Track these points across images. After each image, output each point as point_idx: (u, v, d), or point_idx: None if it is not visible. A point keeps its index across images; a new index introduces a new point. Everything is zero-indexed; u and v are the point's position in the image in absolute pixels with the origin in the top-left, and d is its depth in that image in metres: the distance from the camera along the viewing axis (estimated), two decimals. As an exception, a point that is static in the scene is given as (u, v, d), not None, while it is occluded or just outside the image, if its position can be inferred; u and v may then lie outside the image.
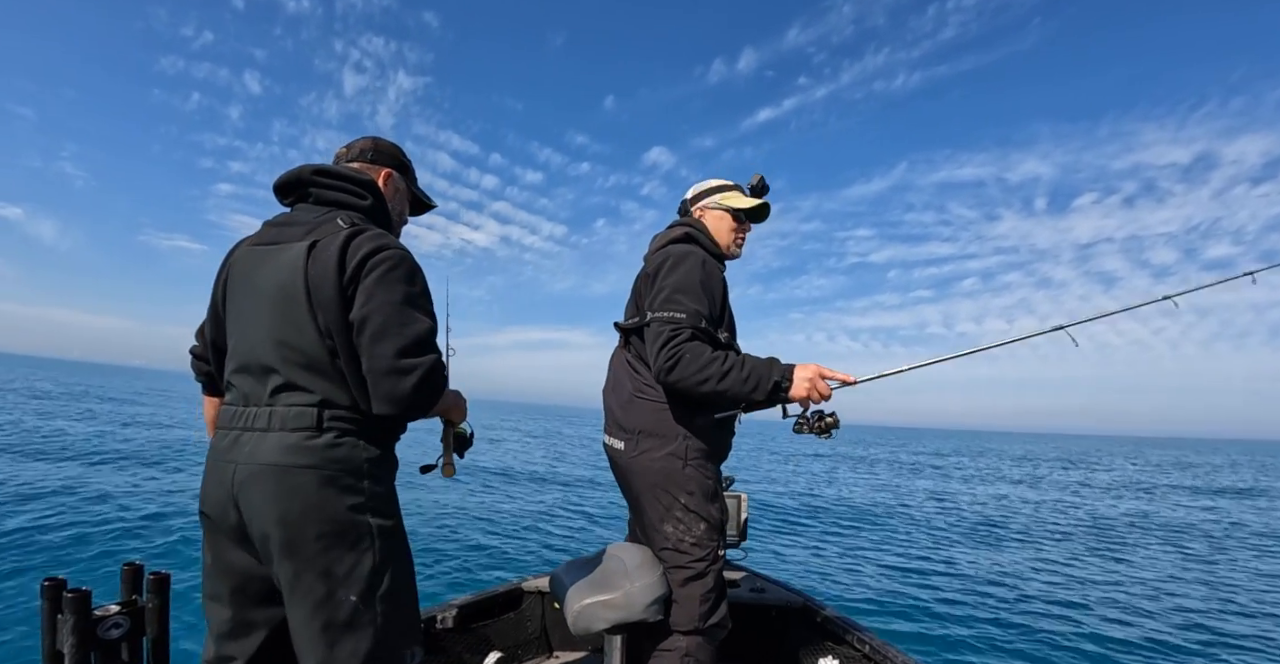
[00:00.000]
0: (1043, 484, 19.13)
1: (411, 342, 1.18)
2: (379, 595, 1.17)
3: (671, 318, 1.62)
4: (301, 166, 1.34)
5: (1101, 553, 9.09)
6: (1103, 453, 43.12)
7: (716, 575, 1.70)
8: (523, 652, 2.57)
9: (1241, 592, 7.08)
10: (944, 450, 38.45)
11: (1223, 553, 9.48)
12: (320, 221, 1.27)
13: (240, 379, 1.24)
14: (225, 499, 1.17)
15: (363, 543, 1.17)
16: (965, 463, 27.17)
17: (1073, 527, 11.26)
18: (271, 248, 1.26)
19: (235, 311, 1.28)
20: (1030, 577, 7.38)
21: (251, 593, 1.22)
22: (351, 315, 1.18)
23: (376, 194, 1.39)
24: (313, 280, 1.18)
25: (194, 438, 15.33)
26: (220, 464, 1.20)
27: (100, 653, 1.22)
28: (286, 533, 1.12)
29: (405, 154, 1.52)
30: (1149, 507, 14.26)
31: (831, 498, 13.17)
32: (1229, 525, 12.16)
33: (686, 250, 1.77)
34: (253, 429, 1.19)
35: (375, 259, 1.20)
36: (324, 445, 1.17)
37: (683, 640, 1.67)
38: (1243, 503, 14.13)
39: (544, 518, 9.24)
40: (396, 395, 1.17)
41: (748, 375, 1.57)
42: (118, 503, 8.51)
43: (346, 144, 1.48)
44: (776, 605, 2.53)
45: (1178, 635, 5.43)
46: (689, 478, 1.69)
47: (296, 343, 1.18)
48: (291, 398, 1.19)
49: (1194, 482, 20.58)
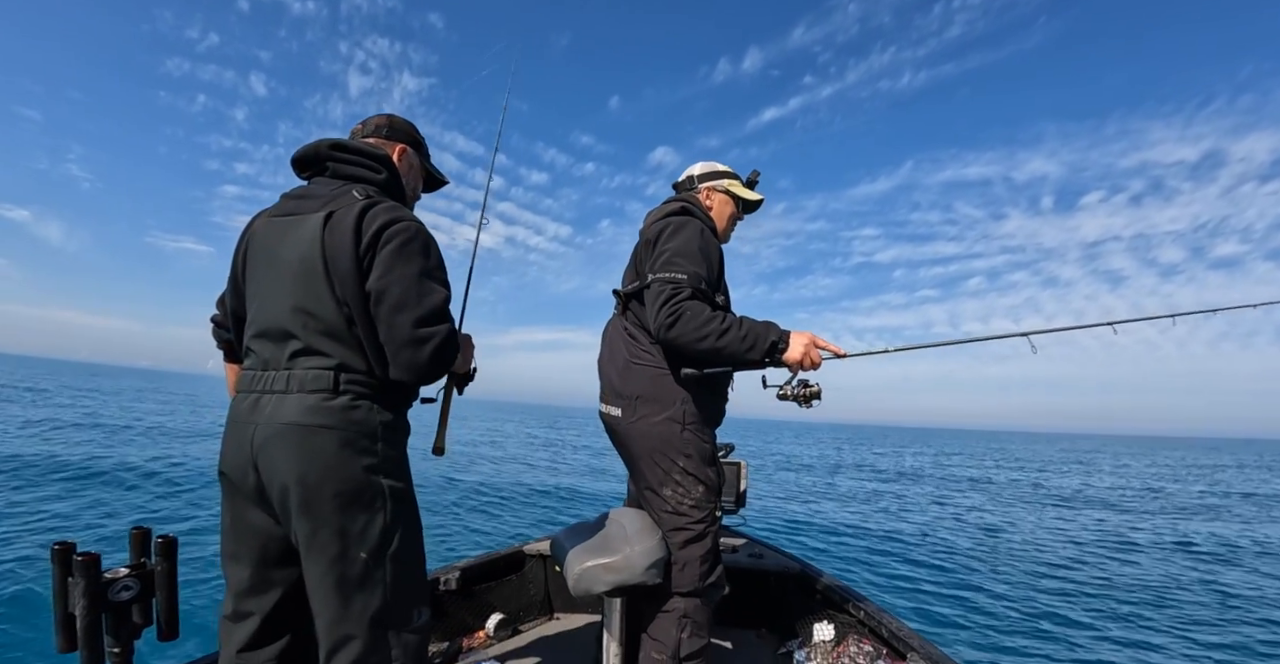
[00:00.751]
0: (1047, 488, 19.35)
1: (429, 312, 1.23)
2: (389, 555, 1.21)
3: (672, 278, 1.64)
4: (319, 141, 1.37)
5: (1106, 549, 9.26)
6: (1105, 453, 43.30)
7: (714, 537, 1.74)
8: (525, 613, 2.62)
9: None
10: (949, 450, 38.59)
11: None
12: (336, 194, 1.30)
13: (259, 345, 1.27)
14: (245, 459, 1.20)
15: (376, 503, 1.20)
16: (972, 464, 27.39)
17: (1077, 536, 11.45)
18: (289, 219, 1.29)
19: (254, 281, 1.31)
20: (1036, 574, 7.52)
21: (270, 552, 1.25)
22: (368, 285, 1.22)
23: (391, 169, 1.41)
24: (329, 251, 1.22)
25: (193, 424, 15.42)
26: (240, 425, 1.23)
27: (111, 615, 1.24)
28: (304, 491, 1.15)
29: (419, 131, 1.55)
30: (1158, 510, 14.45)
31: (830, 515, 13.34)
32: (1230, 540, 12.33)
33: (686, 219, 1.79)
34: (272, 392, 1.22)
35: (391, 230, 1.24)
36: (341, 407, 1.20)
37: (681, 602, 1.71)
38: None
39: (543, 491, 9.36)
40: (415, 364, 1.22)
41: (745, 334, 1.60)
42: (125, 472, 8.60)
43: (362, 120, 1.51)
44: (774, 571, 2.57)
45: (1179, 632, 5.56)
46: (687, 442, 1.72)
47: (315, 310, 1.22)
48: (309, 362, 1.22)
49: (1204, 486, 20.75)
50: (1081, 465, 29.32)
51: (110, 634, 1.24)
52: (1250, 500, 15.76)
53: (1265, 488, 19.39)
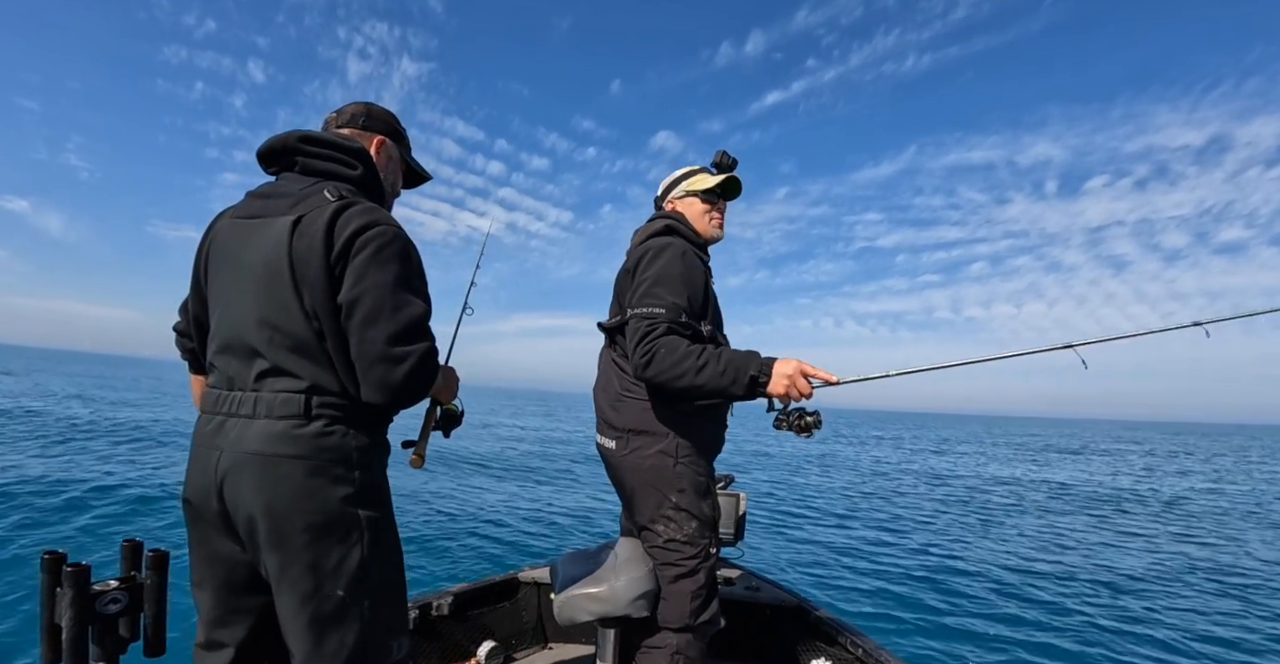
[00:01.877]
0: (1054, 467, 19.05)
1: (404, 327, 1.13)
2: (367, 590, 1.15)
3: (649, 313, 1.60)
4: (288, 133, 1.25)
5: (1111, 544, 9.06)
6: (1105, 438, 42.64)
7: (708, 572, 1.70)
8: (517, 641, 2.58)
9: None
10: (953, 437, 38.08)
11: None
12: (307, 194, 1.19)
13: (223, 361, 1.19)
14: (208, 486, 1.14)
15: (351, 536, 1.13)
16: (976, 449, 27.06)
17: (1077, 514, 11.23)
18: (255, 221, 1.19)
19: (217, 288, 1.22)
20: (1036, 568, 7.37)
21: (237, 581, 1.20)
22: (340, 297, 1.12)
23: (368, 163, 1.30)
24: (297, 258, 1.12)
25: (184, 421, 15.39)
26: (204, 451, 1.16)
27: (98, 627, 1.23)
28: (273, 524, 1.09)
29: (399, 121, 1.42)
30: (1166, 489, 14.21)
31: (825, 490, 13.17)
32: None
33: (666, 243, 1.75)
34: (237, 415, 1.14)
35: (365, 236, 1.13)
36: (312, 434, 1.12)
37: (673, 637, 1.67)
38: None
39: (545, 511, 9.26)
40: (388, 384, 1.12)
41: (724, 369, 1.54)
42: (116, 481, 8.57)
43: (337, 109, 1.38)
44: (771, 604, 2.53)
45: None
46: (680, 475, 1.69)
47: (282, 324, 1.13)
48: (278, 383, 1.14)
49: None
50: (1103, 454, 28.79)
51: (96, 646, 1.23)
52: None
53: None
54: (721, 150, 1.89)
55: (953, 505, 12.43)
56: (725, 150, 1.88)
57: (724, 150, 1.89)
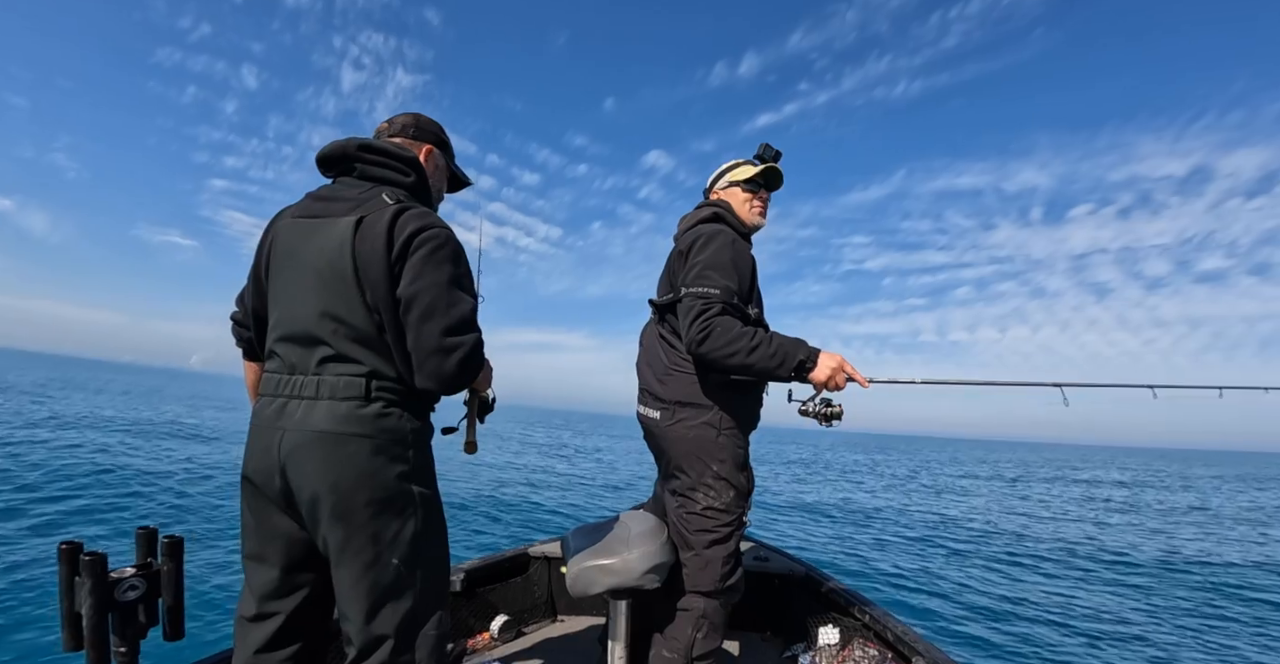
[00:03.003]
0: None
1: (456, 321, 1.23)
2: (420, 560, 1.24)
3: (704, 293, 1.68)
4: (347, 140, 1.36)
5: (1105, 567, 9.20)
6: (1092, 464, 42.63)
7: (738, 540, 1.79)
8: (529, 615, 2.62)
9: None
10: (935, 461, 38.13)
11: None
12: (366, 197, 1.29)
13: (285, 348, 1.26)
14: (271, 464, 1.20)
15: (408, 510, 1.23)
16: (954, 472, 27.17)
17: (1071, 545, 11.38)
18: (317, 221, 1.28)
19: (279, 283, 1.29)
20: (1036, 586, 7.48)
21: (294, 555, 1.26)
22: (399, 292, 1.22)
23: (419, 171, 1.40)
24: (360, 257, 1.21)
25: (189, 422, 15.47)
26: (266, 430, 1.23)
27: (117, 615, 1.24)
28: (338, 498, 1.16)
29: (445, 131, 1.54)
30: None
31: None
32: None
33: (717, 229, 1.83)
34: (300, 397, 1.22)
35: (422, 237, 1.23)
36: (373, 415, 1.21)
37: (700, 601, 1.75)
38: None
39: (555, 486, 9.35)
40: (443, 373, 1.22)
41: (774, 351, 1.63)
42: (130, 473, 8.64)
43: (388, 119, 1.50)
44: (780, 574, 2.56)
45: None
46: (722, 446, 1.76)
47: (345, 317, 1.21)
48: (340, 368, 1.22)
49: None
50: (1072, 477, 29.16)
51: (116, 634, 1.24)
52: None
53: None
54: (764, 143, 1.98)
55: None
56: (768, 143, 1.98)
57: (766, 143, 1.98)
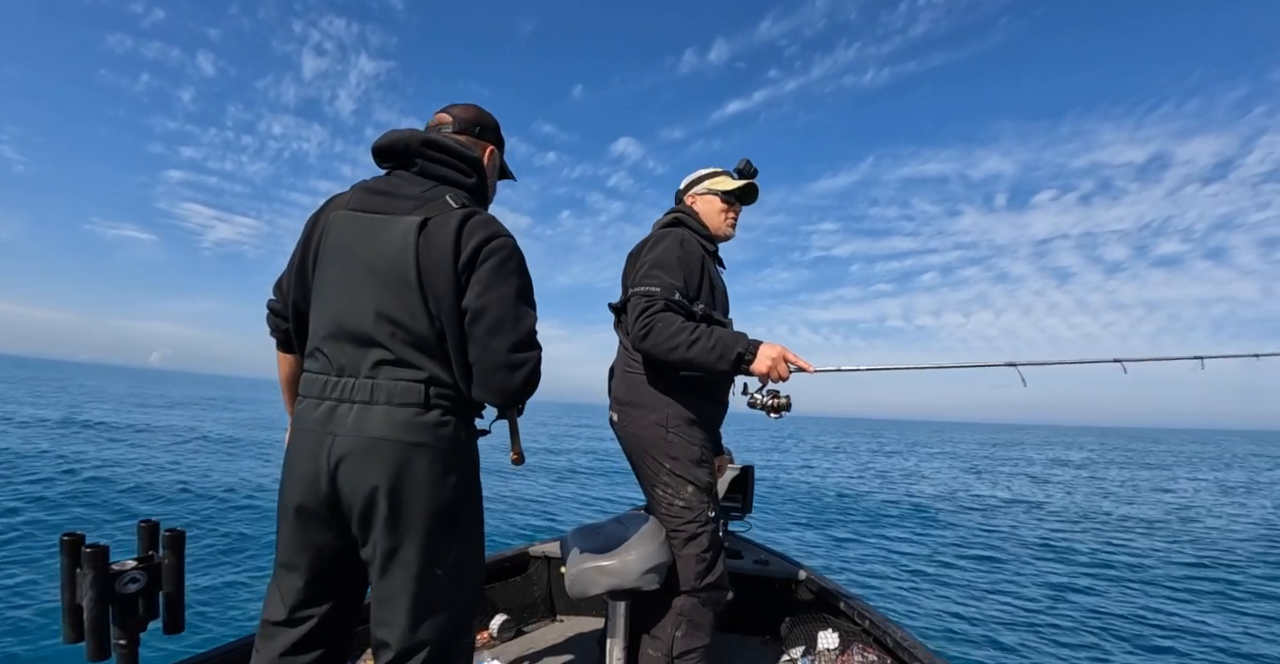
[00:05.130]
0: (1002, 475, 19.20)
1: (524, 336, 1.21)
2: (464, 574, 1.23)
3: (647, 291, 1.73)
4: (410, 132, 1.30)
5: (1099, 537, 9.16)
6: (1048, 443, 42.75)
7: (710, 535, 1.78)
8: (528, 615, 2.62)
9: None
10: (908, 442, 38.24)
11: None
12: (429, 197, 1.24)
13: (334, 348, 1.20)
14: (319, 470, 1.16)
15: (460, 523, 1.21)
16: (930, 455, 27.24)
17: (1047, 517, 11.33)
18: (375, 217, 1.22)
19: (329, 278, 1.23)
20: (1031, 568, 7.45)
21: (328, 564, 1.23)
22: (465, 303, 1.19)
23: (481, 173, 1.36)
24: (424, 262, 1.17)
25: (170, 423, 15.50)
26: (313, 435, 1.17)
27: (118, 607, 1.24)
28: (394, 506, 1.14)
29: (500, 126, 1.49)
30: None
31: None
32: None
33: (668, 231, 1.90)
34: (353, 401, 1.16)
35: (491, 247, 1.20)
36: (433, 423, 1.18)
37: (679, 600, 1.75)
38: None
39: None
40: (509, 388, 1.20)
41: (714, 345, 1.66)
42: (131, 467, 8.68)
43: (448, 110, 1.42)
44: (779, 578, 2.56)
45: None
46: (671, 444, 1.78)
47: (405, 321, 1.17)
48: (398, 373, 1.17)
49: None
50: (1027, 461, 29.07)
51: (116, 626, 1.25)
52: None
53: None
54: (745, 158, 2.02)
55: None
56: (749, 159, 2.02)
57: (748, 159, 2.02)
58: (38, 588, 4.29)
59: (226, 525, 6.66)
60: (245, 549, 5.89)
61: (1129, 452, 37.50)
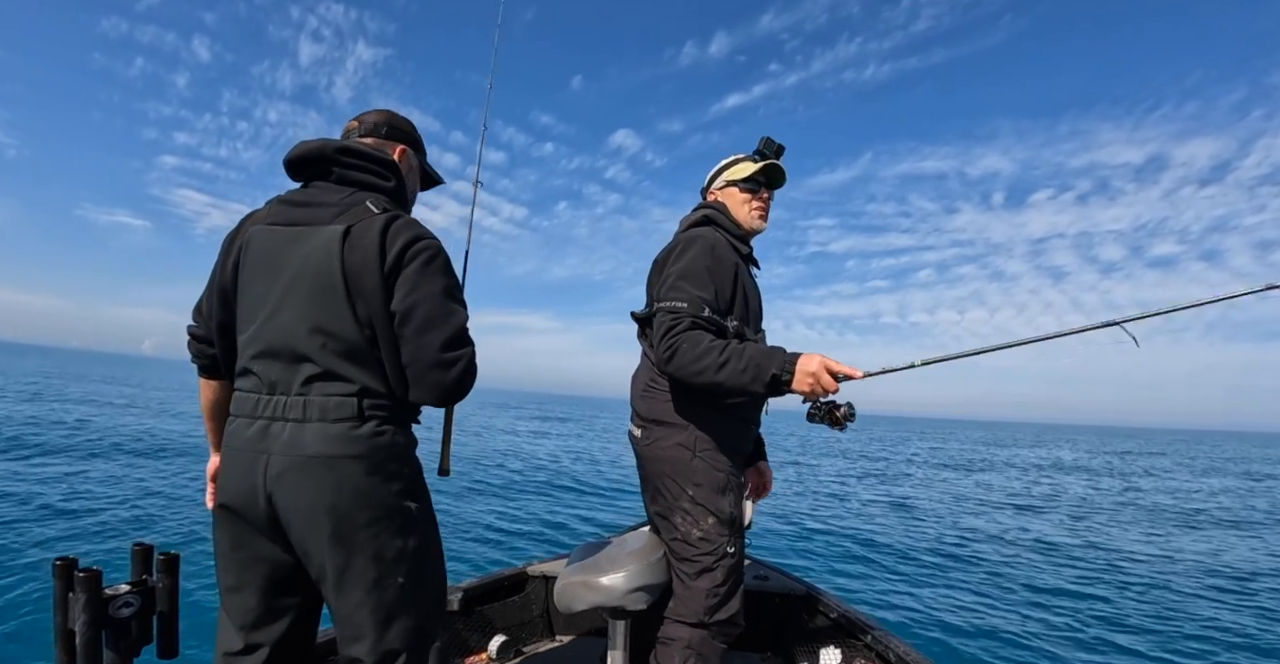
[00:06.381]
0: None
1: (454, 334, 1.21)
2: (424, 576, 1.23)
3: (673, 308, 1.60)
4: (323, 142, 1.28)
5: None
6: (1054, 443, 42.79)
7: (727, 571, 1.66)
8: (526, 635, 2.59)
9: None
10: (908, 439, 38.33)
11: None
12: (349, 204, 1.23)
13: (263, 366, 1.19)
14: (254, 490, 1.15)
15: (407, 526, 1.21)
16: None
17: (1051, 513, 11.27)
18: (295, 230, 1.21)
19: (253, 295, 1.22)
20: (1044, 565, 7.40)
21: (279, 580, 1.22)
22: (393, 305, 1.18)
23: (398, 175, 1.35)
24: (350, 268, 1.16)
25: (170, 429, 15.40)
26: (246, 455, 1.16)
27: (111, 631, 1.23)
28: (337, 522, 1.13)
29: (416, 129, 1.48)
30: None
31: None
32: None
33: (697, 234, 1.73)
34: (285, 419, 1.16)
35: (415, 248, 1.20)
36: (367, 435, 1.17)
37: (685, 632, 1.65)
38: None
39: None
40: (443, 386, 1.20)
41: (745, 366, 1.52)
42: (125, 487, 8.59)
43: (357, 117, 1.42)
44: (780, 593, 2.54)
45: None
46: (696, 469, 1.67)
47: (335, 331, 1.16)
48: (329, 387, 1.17)
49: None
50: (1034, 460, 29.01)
51: (110, 650, 1.23)
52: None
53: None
54: (765, 137, 1.85)
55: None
56: (769, 137, 1.85)
57: (768, 137, 1.85)
58: (30, 612, 4.23)
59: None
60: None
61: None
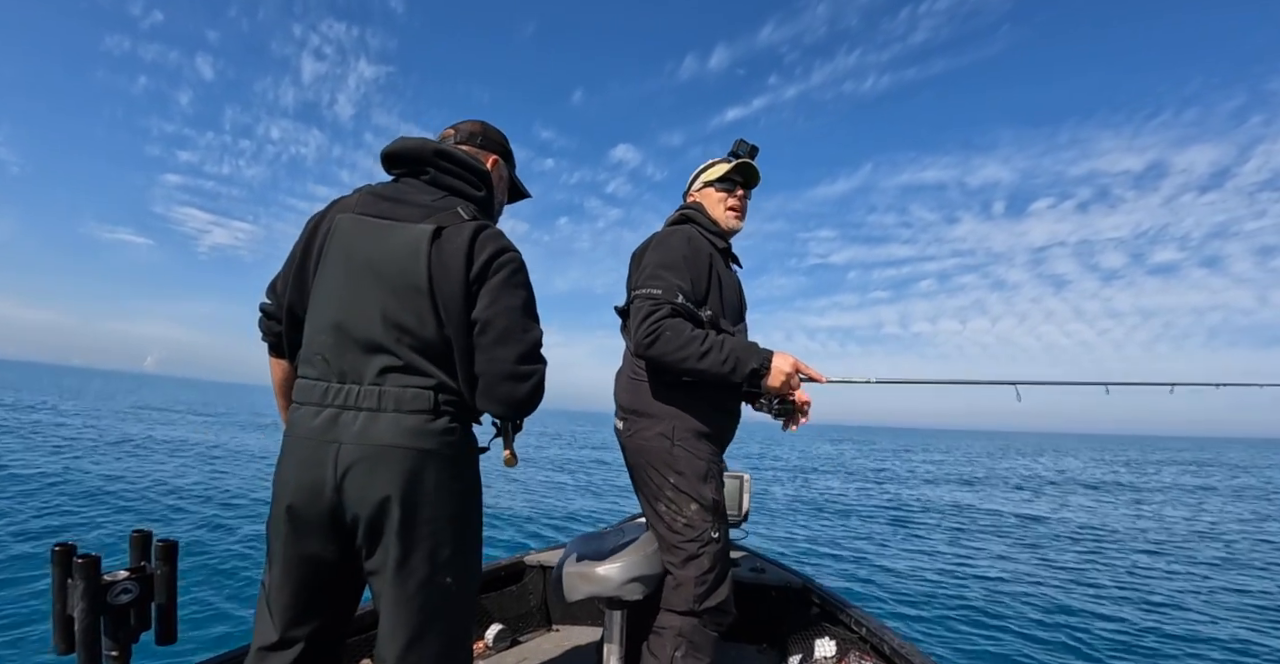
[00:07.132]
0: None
1: (530, 348, 1.23)
2: (468, 580, 1.24)
3: (649, 294, 1.63)
4: (422, 141, 1.31)
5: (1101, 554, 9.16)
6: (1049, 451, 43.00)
7: (713, 557, 1.68)
8: (524, 624, 2.61)
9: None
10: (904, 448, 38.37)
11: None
12: (440, 207, 1.25)
13: (335, 354, 1.18)
14: (321, 479, 1.13)
15: (466, 529, 1.22)
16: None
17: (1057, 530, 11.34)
18: (385, 223, 1.22)
19: (332, 281, 1.21)
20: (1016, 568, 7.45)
21: (322, 580, 1.21)
22: (474, 314, 1.20)
23: (489, 185, 1.38)
24: (436, 270, 1.17)
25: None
26: (314, 444, 1.15)
27: (109, 618, 1.23)
28: (405, 514, 1.13)
29: (509, 141, 1.51)
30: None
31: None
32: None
33: (674, 229, 1.79)
34: (358, 408, 1.15)
35: (501, 260, 1.22)
36: (441, 429, 1.18)
37: (676, 620, 1.67)
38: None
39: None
40: (514, 398, 1.22)
41: (726, 357, 1.58)
42: (124, 480, 8.62)
43: (454, 125, 1.46)
44: (775, 586, 2.55)
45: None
46: (677, 458, 1.69)
47: (414, 328, 1.17)
48: (406, 379, 1.17)
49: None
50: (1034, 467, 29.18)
51: (108, 637, 1.23)
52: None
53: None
54: (739, 138, 1.90)
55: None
56: (743, 138, 1.90)
57: (741, 138, 1.90)
58: (28, 598, 4.25)
59: (220, 535, 6.61)
60: (238, 560, 5.85)
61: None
